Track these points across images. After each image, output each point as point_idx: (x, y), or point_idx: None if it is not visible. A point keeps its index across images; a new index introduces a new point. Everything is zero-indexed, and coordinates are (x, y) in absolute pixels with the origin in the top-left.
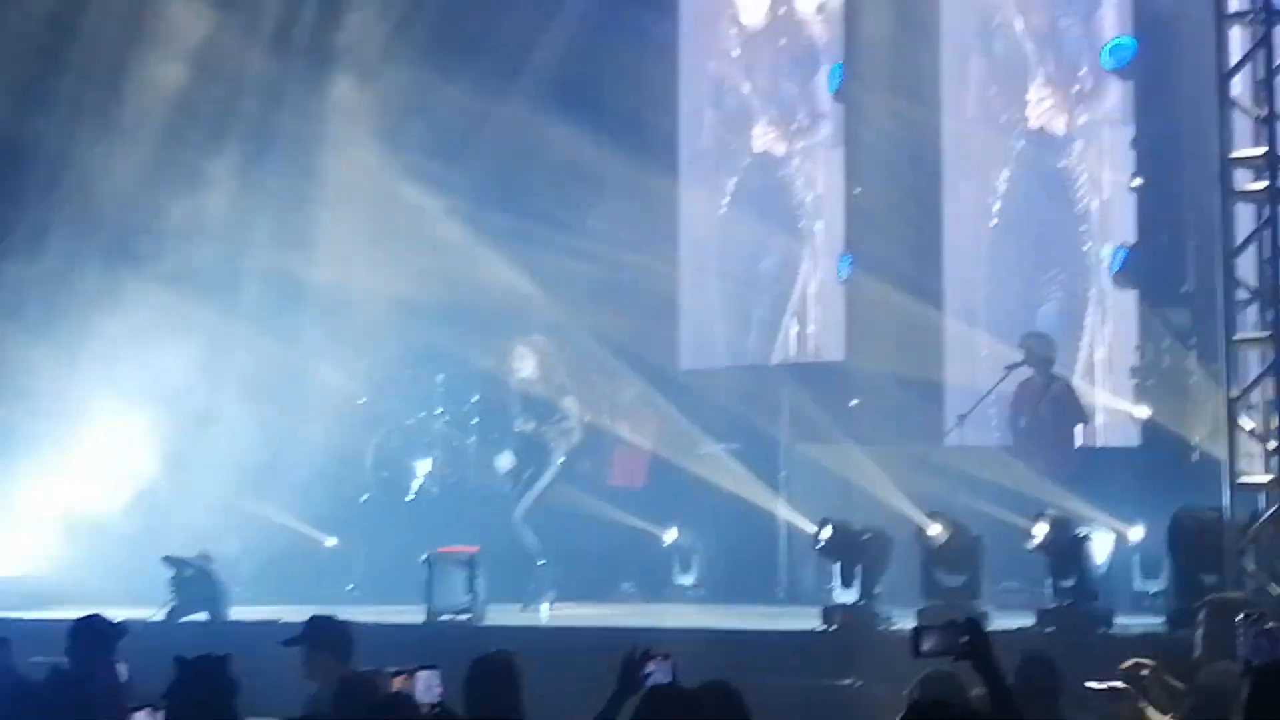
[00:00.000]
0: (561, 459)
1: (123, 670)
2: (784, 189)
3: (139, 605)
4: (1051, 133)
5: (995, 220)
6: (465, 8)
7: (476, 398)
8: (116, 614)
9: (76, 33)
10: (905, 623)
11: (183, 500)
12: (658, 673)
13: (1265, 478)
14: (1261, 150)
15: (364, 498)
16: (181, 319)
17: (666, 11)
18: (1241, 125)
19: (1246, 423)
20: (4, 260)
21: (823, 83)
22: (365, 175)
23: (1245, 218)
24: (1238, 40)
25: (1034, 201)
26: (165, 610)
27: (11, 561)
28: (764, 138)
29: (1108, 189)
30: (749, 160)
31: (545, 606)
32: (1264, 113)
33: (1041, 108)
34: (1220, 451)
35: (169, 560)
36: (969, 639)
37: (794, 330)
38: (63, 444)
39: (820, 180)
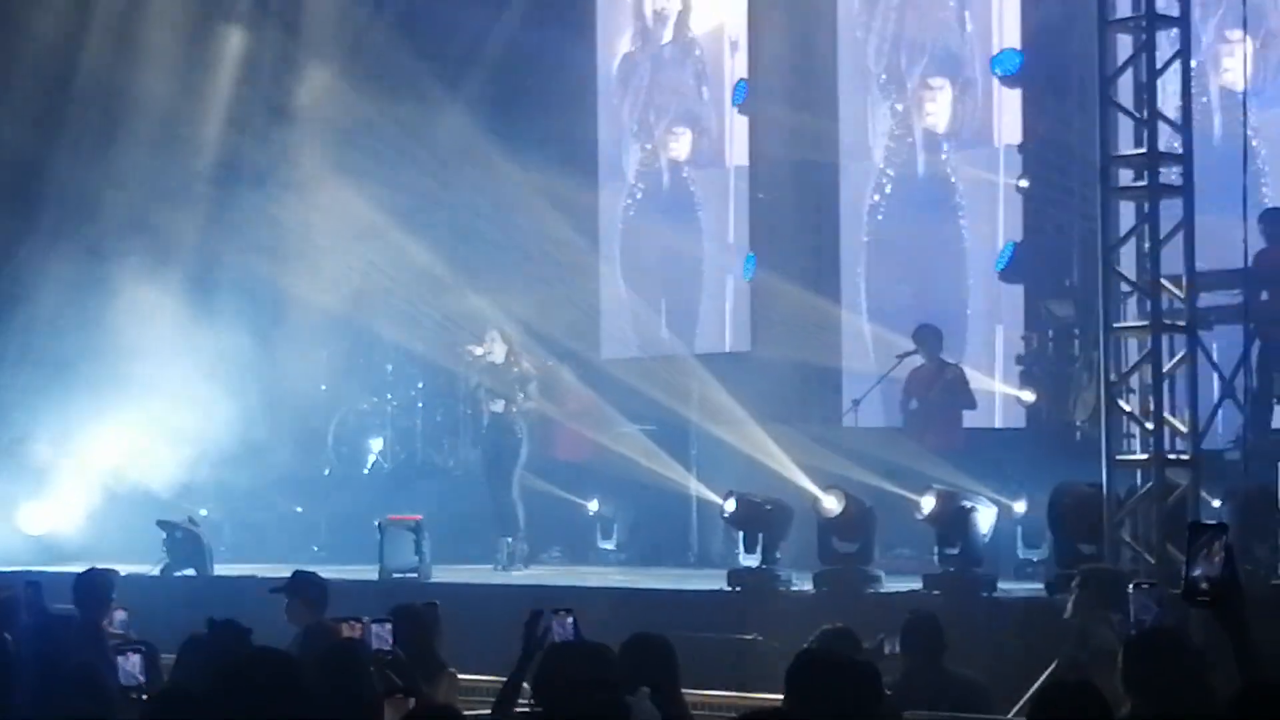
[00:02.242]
0: (528, 433)
1: (121, 617)
2: (691, 194)
3: (142, 562)
4: (938, 136)
5: (881, 218)
6: (403, 42)
7: (421, 384)
8: (122, 569)
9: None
10: (804, 585)
11: (174, 471)
12: (557, 629)
13: (1142, 456)
14: (1142, 150)
15: (326, 471)
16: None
17: (585, 35)
18: (1124, 127)
19: (1125, 405)
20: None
21: (728, 97)
22: (320, 184)
23: (1126, 214)
24: (1121, 46)
25: (923, 201)
26: (160, 567)
27: (44, 521)
28: (674, 148)
29: (993, 189)
30: (660, 168)
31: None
32: (1145, 114)
33: (930, 112)
34: (1100, 432)
35: (161, 524)
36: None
37: (703, 323)
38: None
39: (727, 186)
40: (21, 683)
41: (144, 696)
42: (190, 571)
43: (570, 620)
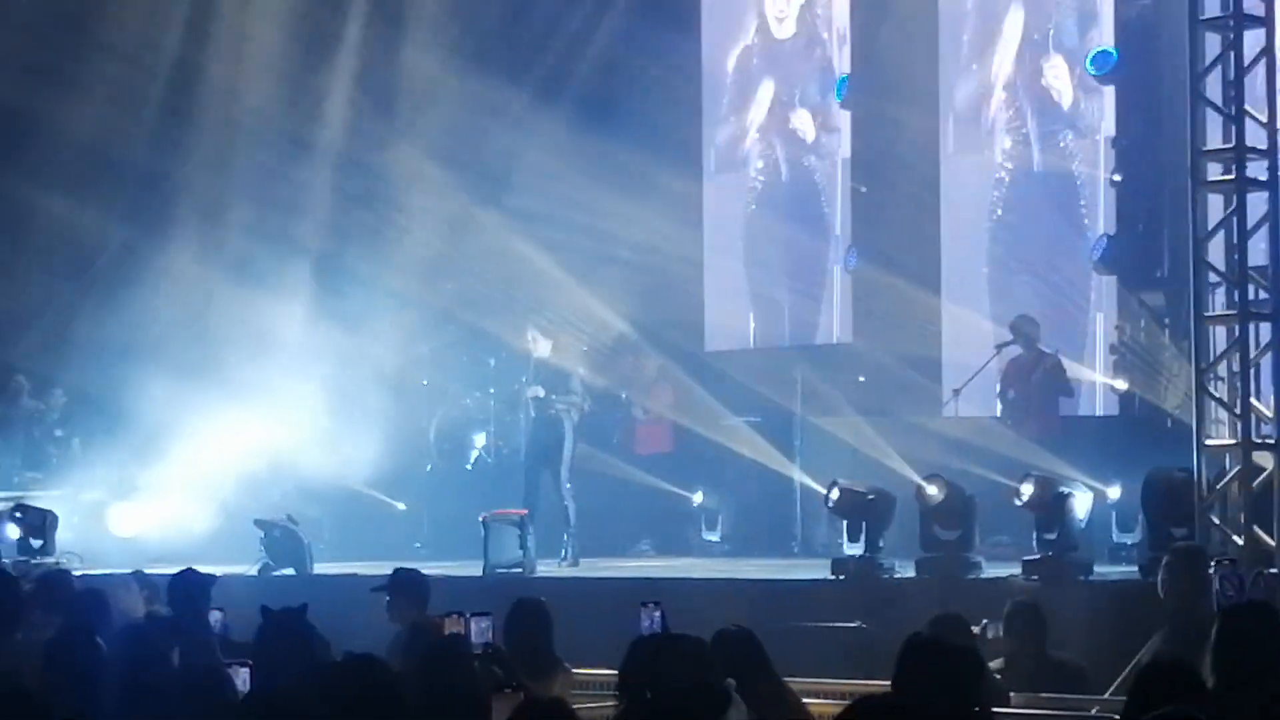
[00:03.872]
0: (573, 428)
1: (216, 618)
2: (799, 188)
3: (239, 563)
4: (1038, 133)
5: (990, 213)
6: (509, 36)
7: (524, 378)
8: (218, 570)
9: None
10: (906, 572)
11: (272, 470)
12: (646, 622)
13: (1231, 441)
14: (1230, 145)
15: (428, 467)
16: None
17: (690, 30)
18: (1213, 122)
19: (1214, 392)
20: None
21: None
22: (427, 189)
23: (1215, 207)
24: (1210, 44)
25: (1022, 196)
26: (258, 567)
27: (134, 522)
28: (782, 140)
29: (1090, 184)
30: (776, 162)
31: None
32: (1233, 110)
33: (1031, 110)
34: (1190, 418)
35: (259, 523)
36: None
37: (807, 315)
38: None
39: (832, 179)
40: (111, 687)
41: None
42: (289, 571)
43: (658, 613)
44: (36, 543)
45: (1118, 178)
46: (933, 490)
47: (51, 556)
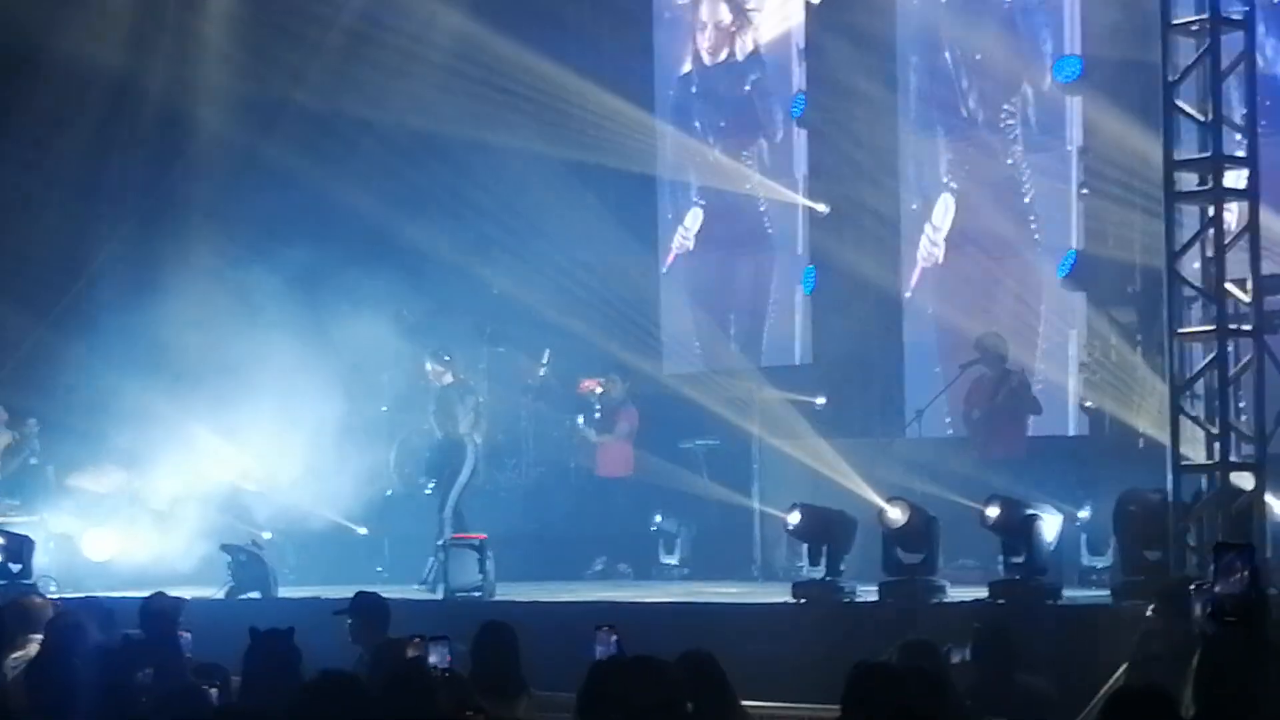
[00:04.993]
0: (473, 452)
1: (186, 639)
2: (759, 210)
3: (207, 585)
4: (996, 144)
5: (954, 227)
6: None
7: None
8: (186, 593)
9: None
10: (869, 596)
11: (238, 494)
12: (601, 646)
13: (1208, 461)
14: (1206, 153)
15: (389, 492)
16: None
17: (643, 52)
18: (1187, 131)
19: (1191, 411)
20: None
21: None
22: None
23: (1190, 219)
24: (1182, 50)
25: (983, 210)
26: (225, 590)
27: (108, 547)
28: (733, 162)
29: (1053, 196)
30: (728, 182)
31: None
32: (1209, 117)
33: (986, 120)
34: (1164, 438)
35: (225, 547)
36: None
37: (764, 337)
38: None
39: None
40: (86, 706)
41: None
42: (255, 594)
43: (614, 638)
44: (15, 567)
45: (1085, 191)
46: (895, 513)
47: (29, 580)
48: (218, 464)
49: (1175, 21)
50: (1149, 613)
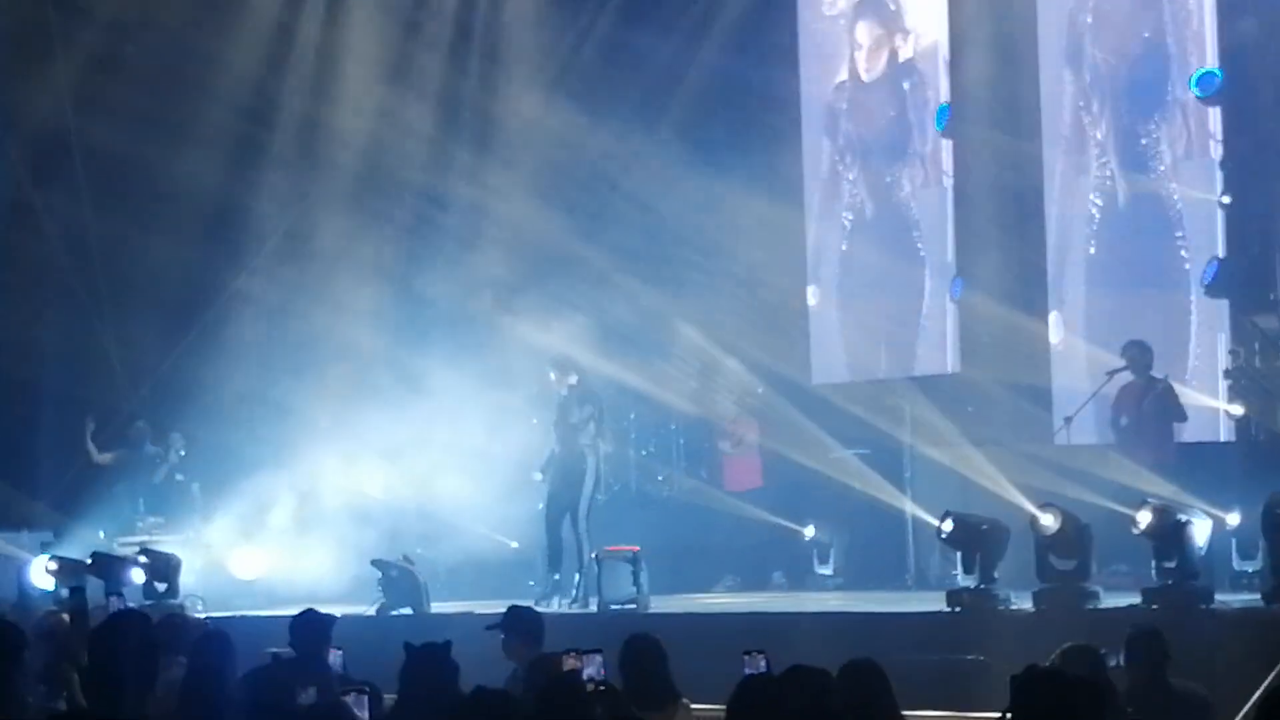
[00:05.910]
0: (595, 465)
1: (336, 657)
2: (909, 218)
3: (358, 604)
4: (1140, 155)
5: (1096, 237)
6: (607, 73)
7: (633, 415)
8: (337, 610)
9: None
10: (1023, 604)
11: (394, 512)
12: (750, 670)
13: None
14: None
15: (540, 506)
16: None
17: (789, 66)
18: None
19: None
20: None
21: (931, 121)
22: (520, 213)
23: None
24: None
25: (1128, 220)
26: (376, 606)
27: (257, 566)
28: (882, 173)
29: (1197, 206)
30: (880, 193)
31: None
32: None
33: (1129, 131)
34: None
35: (376, 563)
36: None
37: (914, 347)
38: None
39: (933, 209)
40: None
41: None
42: (407, 610)
43: (763, 660)
44: (161, 586)
45: (1227, 200)
46: (1048, 520)
47: (176, 600)
48: (367, 480)
49: None
50: None
